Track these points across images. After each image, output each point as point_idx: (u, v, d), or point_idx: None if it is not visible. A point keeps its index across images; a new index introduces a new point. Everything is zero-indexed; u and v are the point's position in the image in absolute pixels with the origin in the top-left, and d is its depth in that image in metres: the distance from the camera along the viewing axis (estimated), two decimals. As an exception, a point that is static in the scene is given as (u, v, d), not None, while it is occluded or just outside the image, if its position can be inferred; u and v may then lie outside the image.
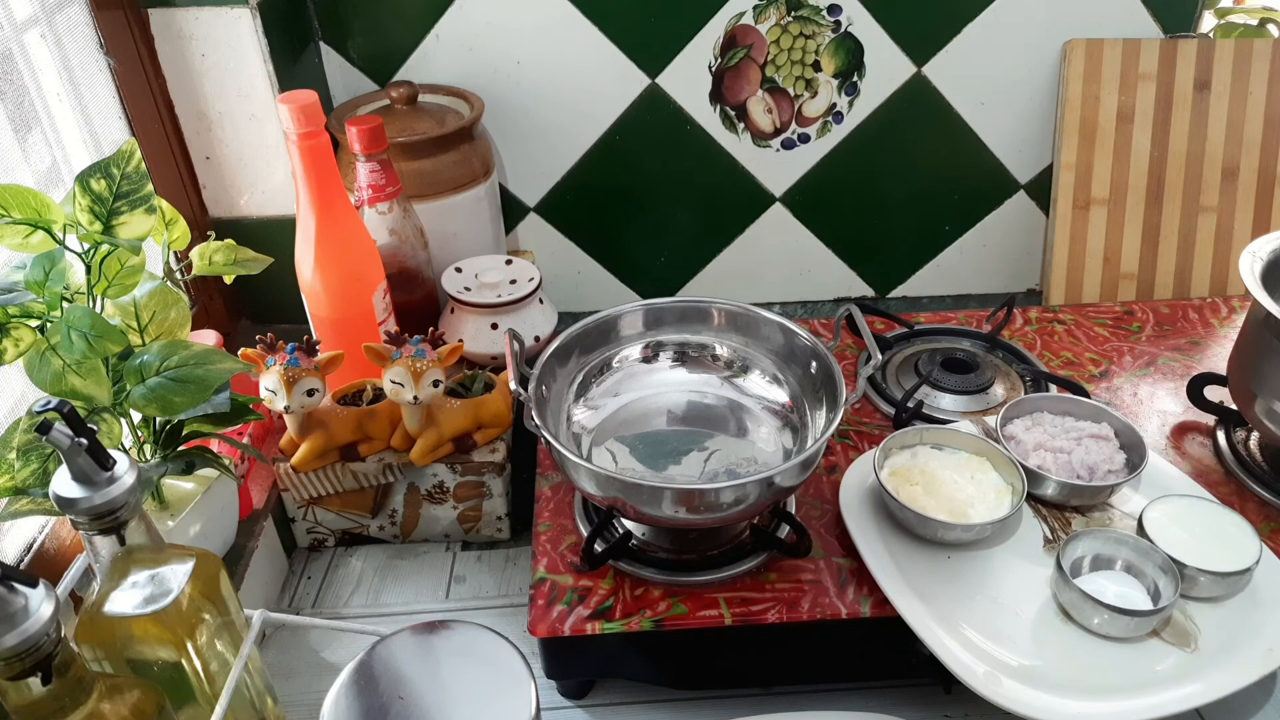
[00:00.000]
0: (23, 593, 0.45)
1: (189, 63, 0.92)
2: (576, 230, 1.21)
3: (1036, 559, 0.72)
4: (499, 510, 0.90)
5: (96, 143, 0.84)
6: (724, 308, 0.84)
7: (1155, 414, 0.91)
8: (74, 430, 0.50)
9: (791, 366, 0.82)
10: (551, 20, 1.06)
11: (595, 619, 0.71)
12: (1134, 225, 1.14)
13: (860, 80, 1.11)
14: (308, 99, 0.76)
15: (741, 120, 1.14)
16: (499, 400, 0.87)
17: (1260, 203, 1.14)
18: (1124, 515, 0.76)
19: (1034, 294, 1.28)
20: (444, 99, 1.06)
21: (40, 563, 0.69)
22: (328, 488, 0.87)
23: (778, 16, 1.07)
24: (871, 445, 0.84)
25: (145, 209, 0.64)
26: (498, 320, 0.95)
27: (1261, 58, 1.09)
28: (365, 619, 0.84)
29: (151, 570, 0.55)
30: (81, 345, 0.59)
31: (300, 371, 0.77)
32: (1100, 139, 1.12)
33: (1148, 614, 0.65)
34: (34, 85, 0.77)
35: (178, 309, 0.70)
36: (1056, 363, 0.98)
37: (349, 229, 0.83)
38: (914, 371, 0.95)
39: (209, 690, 0.56)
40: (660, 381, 0.85)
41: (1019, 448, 0.80)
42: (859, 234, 1.24)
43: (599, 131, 1.13)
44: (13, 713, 0.47)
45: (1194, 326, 1.04)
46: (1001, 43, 1.09)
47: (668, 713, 0.76)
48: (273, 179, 0.99)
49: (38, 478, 0.60)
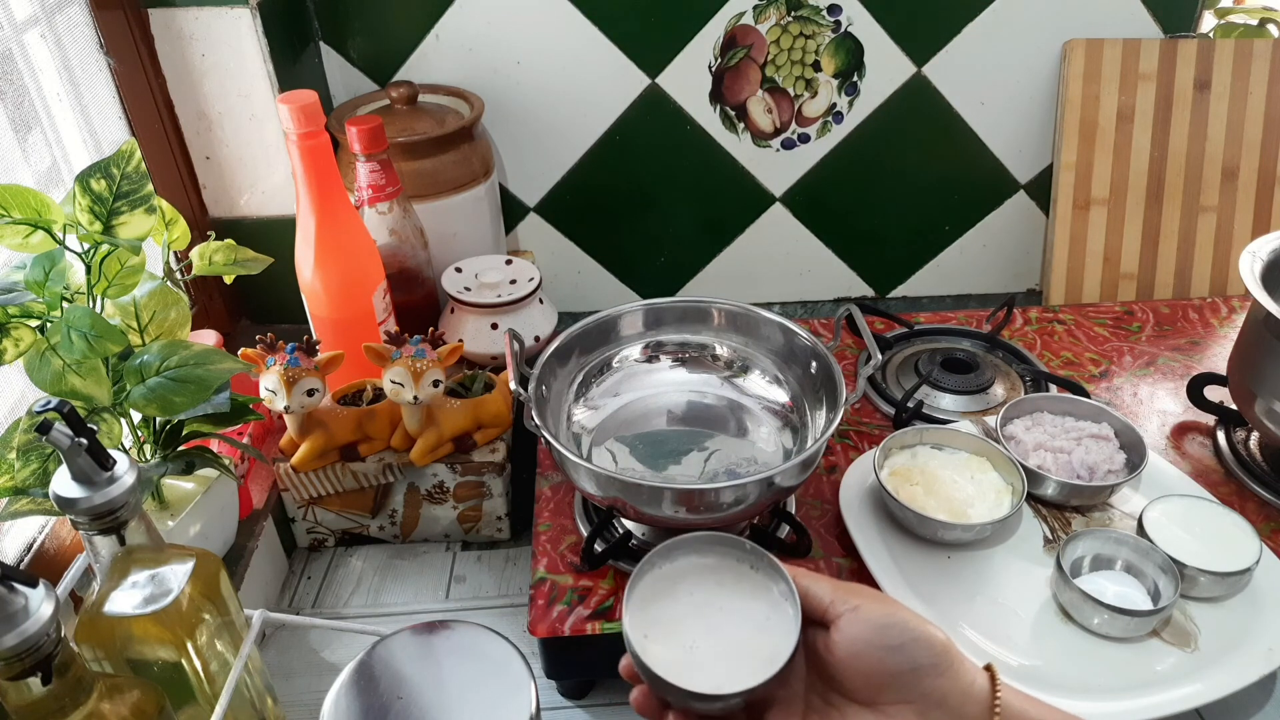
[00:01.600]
0: (23, 593, 0.45)
1: (189, 63, 0.92)
2: (576, 230, 1.21)
3: (1036, 559, 0.72)
4: (499, 510, 0.90)
5: (96, 143, 0.84)
6: (724, 308, 0.84)
7: (1155, 414, 0.91)
8: (74, 430, 0.50)
9: (791, 366, 0.82)
10: (551, 20, 1.06)
11: (595, 619, 0.71)
12: (1134, 225, 1.14)
13: (860, 80, 1.11)
14: (308, 99, 0.76)
15: (741, 120, 1.14)
16: (499, 400, 0.87)
17: (1260, 203, 1.14)
18: (1124, 515, 0.76)
19: (1034, 294, 1.28)
20: (444, 99, 1.06)
21: (40, 563, 0.69)
22: (328, 488, 0.87)
23: (778, 16, 1.07)
24: (871, 445, 0.84)
25: (145, 209, 0.64)
26: (498, 320, 0.95)
27: (1261, 58, 1.09)
28: (365, 619, 0.84)
29: (151, 570, 0.55)
30: (81, 345, 0.59)
31: (300, 371, 0.77)
32: (1100, 139, 1.12)
33: (1148, 614, 0.65)
34: (34, 85, 0.77)
35: (178, 309, 0.70)
36: (1056, 363, 0.98)
37: (349, 229, 0.83)
38: (914, 371, 0.95)
39: (209, 690, 0.56)
40: (660, 381, 0.85)
41: (1019, 448, 0.80)
42: (859, 234, 1.24)
43: (599, 131, 1.13)
44: (13, 713, 0.47)
45: (1194, 326, 1.03)
46: (1001, 43, 1.09)
47: (668, 713, 0.76)
48: (273, 179, 0.99)
49: (38, 478, 0.60)
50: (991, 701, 0.43)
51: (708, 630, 0.47)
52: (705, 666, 0.45)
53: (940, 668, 0.43)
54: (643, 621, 0.47)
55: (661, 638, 0.46)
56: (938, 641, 0.44)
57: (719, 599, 0.48)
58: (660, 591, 0.49)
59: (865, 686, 0.44)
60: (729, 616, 0.47)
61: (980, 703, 0.43)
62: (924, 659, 0.43)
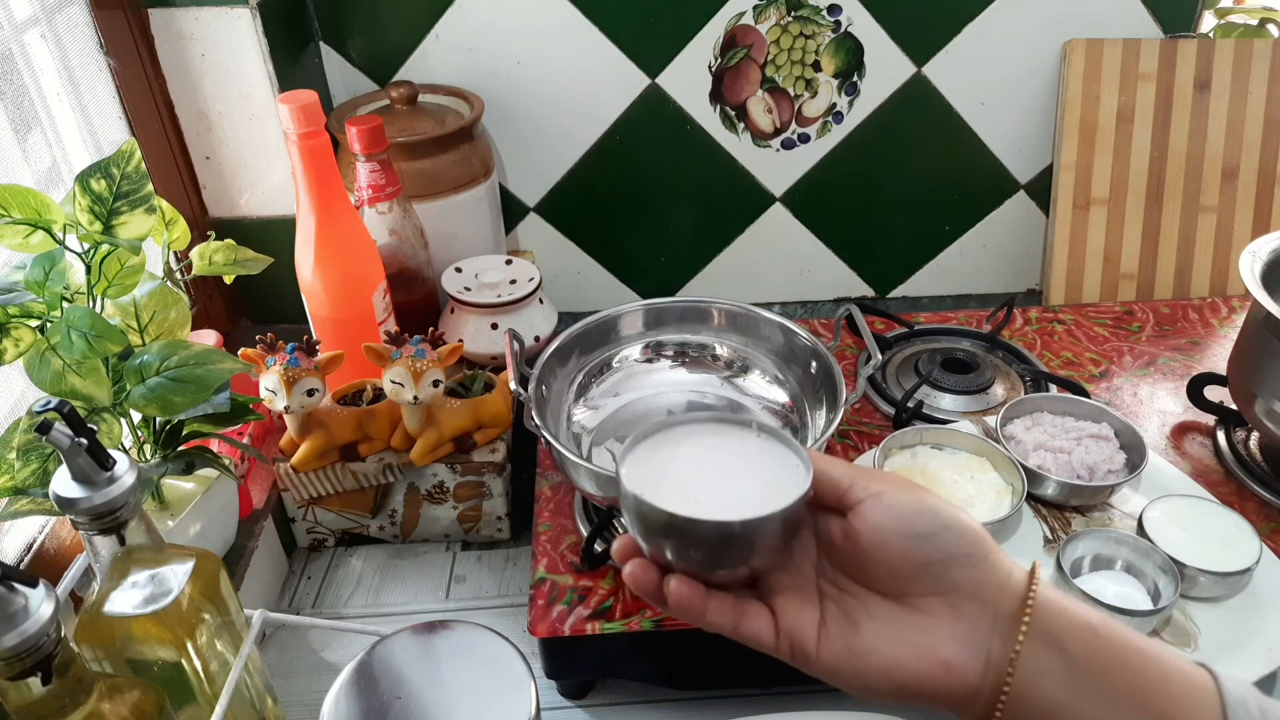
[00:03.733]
0: (23, 593, 0.45)
1: (189, 63, 0.92)
2: (576, 230, 1.21)
3: (1036, 559, 0.72)
4: (499, 510, 0.90)
5: (96, 143, 0.84)
6: (724, 308, 0.84)
7: (1155, 414, 0.91)
8: (74, 430, 0.50)
9: (791, 366, 0.82)
10: (551, 20, 1.06)
11: (595, 619, 0.71)
12: (1134, 225, 1.14)
13: (860, 80, 1.11)
14: (308, 99, 0.76)
15: (741, 120, 1.14)
16: (499, 400, 0.87)
17: (1260, 203, 1.14)
18: (1124, 515, 0.76)
19: (1034, 294, 1.28)
20: (444, 99, 1.06)
21: (40, 563, 0.69)
22: (328, 488, 0.87)
23: (778, 16, 1.07)
24: (871, 445, 0.84)
25: (145, 209, 0.64)
26: (498, 320, 0.95)
27: (1261, 58, 1.09)
28: (365, 619, 0.84)
29: (151, 570, 0.55)
30: (81, 345, 0.59)
31: (300, 371, 0.77)
32: (1100, 139, 1.12)
33: (1148, 614, 0.65)
34: (34, 85, 0.77)
35: (178, 309, 0.70)
36: (1056, 363, 0.98)
37: (349, 229, 0.83)
38: (914, 371, 0.95)
39: (209, 690, 0.56)
40: (660, 381, 0.85)
41: (1019, 448, 0.80)
42: (859, 234, 1.24)
43: (599, 131, 1.13)
44: (13, 713, 0.47)
45: (1194, 326, 1.04)
46: (1001, 43, 1.09)
47: (668, 713, 0.76)
48: (273, 179, 0.99)
49: (38, 478, 0.60)
50: (1026, 595, 0.40)
51: (712, 484, 0.43)
52: (715, 513, 0.40)
53: (975, 558, 0.40)
54: (642, 477, 0.42)
55: (664, 492, 0.41)
56: (971, 530, 0.41)
57: (724, 458, 0.44)
58: (660, 454, 0.44)
59: (890, 577, 0.41)
60: (736, 474, 0.43)
61: (1016, 597, 0.40)
62: (956, 548, 0.40)
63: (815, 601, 0.43)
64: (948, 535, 0.41)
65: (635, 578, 0.42)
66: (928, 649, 0.40)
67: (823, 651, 0.42)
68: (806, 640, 0.42)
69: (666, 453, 0.44)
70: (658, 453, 0.44)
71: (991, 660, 0.40)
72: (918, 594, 0.41)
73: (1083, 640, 0.39)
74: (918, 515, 0.41)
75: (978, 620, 0.40)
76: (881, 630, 0.41)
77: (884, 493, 0.41)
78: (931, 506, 0.41)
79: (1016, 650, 0.39)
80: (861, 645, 0.41)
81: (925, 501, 0.41)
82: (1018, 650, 0.39)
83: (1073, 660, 0.39)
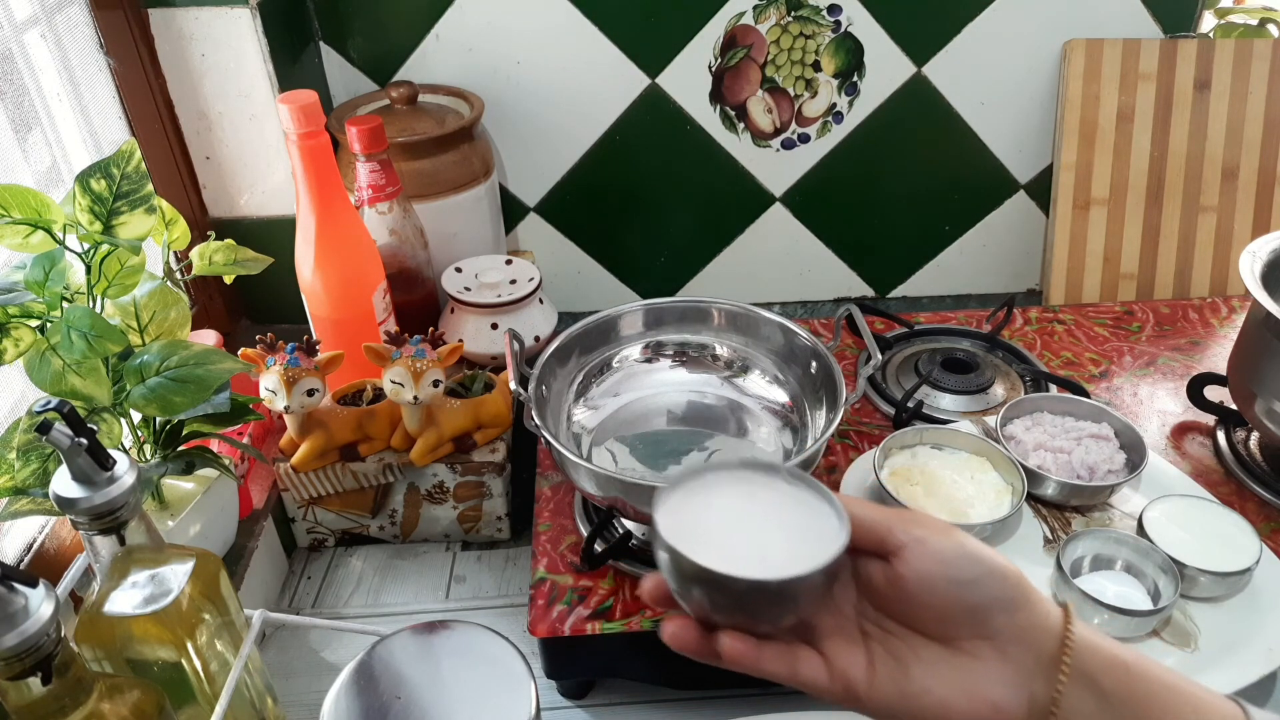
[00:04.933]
0: (23, 593, 0.45)
1: (189, 63, 0.92)
2: (576, 230, 1.21)
3: (1036, 559, 0.72)
4: (499, 510, 0.90)
5: (96, 143, 0.84)
6: (724, 308, 0.84)
7: (1155, 414, 0.91)
8: (74, 430, 0.50)
9: (791, 366, 0.82)
10: (551, 20, 1.06)
11: (595, 619, 0.71)
12: (1134, 225, 1.14)
13: (860, 80, 1.11)
14: (308, 99, 0.76)
15: (741, 120, 1.14)
16: (499, 400, 0.87)
17: (1260, 203, 1.14)
18: (1124, 515, 0.76)
19: (1034, 294, 1.28)
20: (444, 99, 1.06)
21: (40, 563, 0.69)
22: (328, 488, 0.87)
23: (778, 16, 1.07)
24: (871, 445, 0.84)
25: (145, 209, 0.64)
26: (498, 320, 0.95)
27: (1261, 58, 1.09)
28: (365, 619, 0.84)
29: (151, 570, 0.55)
30: (81, 345, 0.59)
31: (300, 371, 0.77)
32: (1100, 139, 1.12)
33: (1148, 614, 0.65)
34: (34, 85, 0.77)
35: (178, 309, 0.70)
36: (1056, 363, 0.98)
37: (349, 229, 0.83)
38: (914, 371, 0.95)
39: (209, 690, 0.56)
40: (660, 381, 0.85)
41: (1019, 448, 0.80)
42: (859, 234, 1.24)
43: (599, 131, 1.13)
44: (13, 713, 0.47)
45: (1194, 326, 1.04)
46: (1001, 43, 1.09)
47: (668, 713, 0.76)
48: (273, 179, 0.99)
49: (38, 478, 0.60)
50: (1064, 635, 0.41)
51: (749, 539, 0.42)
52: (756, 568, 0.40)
53: (1018, 602, 0.41)
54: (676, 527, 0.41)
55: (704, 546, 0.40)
56: (1012, 573, 0.41)
57: (757, 509, 0.44)
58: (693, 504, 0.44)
59: (937, 621, 0.42)
60: (770, 526, 0.43)
61: (1055, 638, 0.41)
62: (1000, 593, 0.41)
63: (860, 642, 0.44)
64: (990, 580, 0.41)
65: (678, 638, 0.43)
66: (978, 692, 0.41)
67: (875, 693, 0.42)
68: (857, 682, 0.43)
69: (699, 506, 0.44)
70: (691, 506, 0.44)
71: (1035, 701, 0.41)
72: (965, 637, 0.42)
73: (1116, 677, 0.40)
74: (961, 560, 0.41)
75: (1022, 662, 0.41)
76: (931, 672, 0.42)
77: (926, 538, 0.42)
78: (972, 551, 0.42)
79: (1059, 690, 0.40)
80: (913, 687, 0.42)
81: (966, 546, 0.42)
82: (1060, 691, 0.40)
83: (1107, 697, 0.40)
